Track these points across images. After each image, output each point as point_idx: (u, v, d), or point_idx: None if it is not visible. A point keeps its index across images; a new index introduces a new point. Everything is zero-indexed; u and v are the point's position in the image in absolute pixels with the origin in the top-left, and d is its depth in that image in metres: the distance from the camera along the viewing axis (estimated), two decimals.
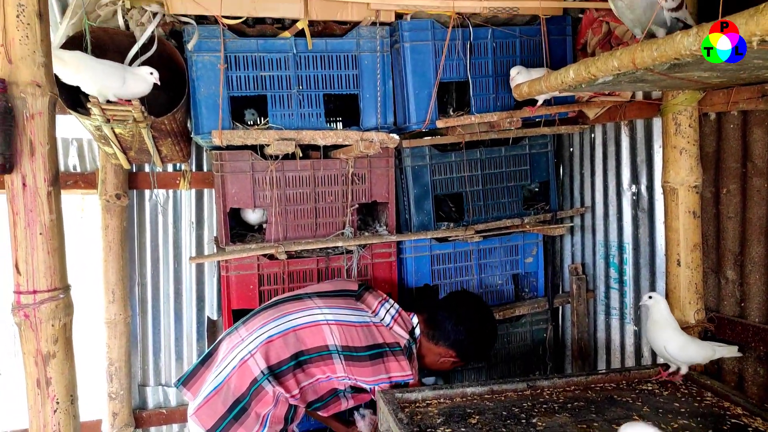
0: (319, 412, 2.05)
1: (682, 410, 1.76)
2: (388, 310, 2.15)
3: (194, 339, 2.92)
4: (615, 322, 2.73)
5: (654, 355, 2.48)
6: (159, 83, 2.05)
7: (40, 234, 1.53)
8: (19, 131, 1.51)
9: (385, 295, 2.23)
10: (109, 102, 2.01)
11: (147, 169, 2.78)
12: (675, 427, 1.64)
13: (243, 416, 1.83)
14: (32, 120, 1.52)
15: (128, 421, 2.74)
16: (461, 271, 2.79)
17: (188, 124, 2.47)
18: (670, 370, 1.97)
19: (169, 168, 2.83)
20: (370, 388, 2.00)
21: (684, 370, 1.94)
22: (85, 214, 3.13)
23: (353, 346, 1.98)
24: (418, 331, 2.18)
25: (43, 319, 1.54)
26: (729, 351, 1.94)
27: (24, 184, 1.51)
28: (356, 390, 2.08)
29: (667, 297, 2.22)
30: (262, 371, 1.87)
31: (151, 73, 2.02)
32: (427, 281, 2.74)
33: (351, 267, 2.59)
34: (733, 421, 1.69)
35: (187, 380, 1.98)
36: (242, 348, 1.93)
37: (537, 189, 3.04)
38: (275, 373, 1.88)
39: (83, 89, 1.99)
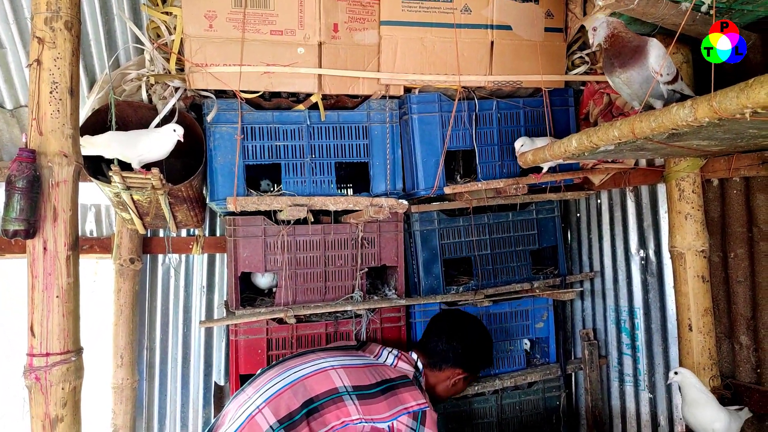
0: None
1: None
2: (389, 353, 2.21)
3: (200, 405, 2.88)
4: (629, 389, 2.67)
5: (671, 422, 2.42)
6: (182, 139, 2.12)
7: (57, 297, 1.57)
8: (44, 198, 1.57)
9: (383, 345, 2.29)
10: (128, 170, 2.09)
11: (162, 234, 2.85)
12: None
13: None
14: (57, 188, 1.59)
15: None
16: None
17: (203, 191, 2.55)
18: None
19: (183, 233, 2.90)
20: (388, 426, 1.93)
21: None
22: (98, 278, 3.18)
23: (363, 384, 1.95)
24: (420, 365, 2.21)
25: (54, 382, 1.55)
26: (746, 413, 1.89)
27: (45, 249, 1.57)
28: None
29: (680, 363, 2.19)
30: (271, 426, 1.81)
31: (174, 130, 2.09)
32: None
33: (360, 331, 2.58)
34: None
35: None
36: (249, 405, 1.90)
37: (540, 252, 3.05)
38: (285, 425, 1.82)
39: (108, 156, 2.08)
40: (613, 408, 2.79)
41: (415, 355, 2.22)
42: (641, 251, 2.62)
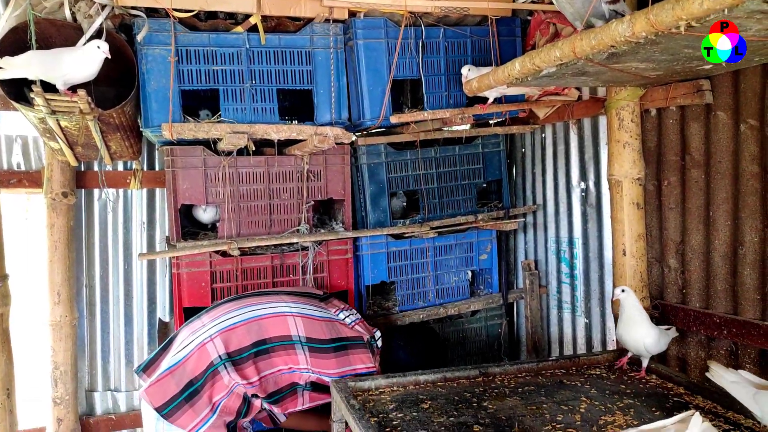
0: (274, 408, 2.01)
1: (628, 391, 1.81)
2: (349, 314, 2.20)
3: (145, 342, 2.83)
4: (567, 316, 2.80)
5: (604, 345, 2.55)
6: (109, 55, 1.96)
7: None
8: None
9: (348, 305, 2.29)
10: (54, 92, 1.96)
11: (96, 167, 2.71)
12: (621, 406, 1.68)
13: (195, 398, 1.80)
14: None
15: (74, 427, 2.63)
16: (417, 268, 2.80)
17: (138, 120, 2.42)
18: (628, 357, 2.00)
19: (120, 167, 2.77)
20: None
21: (646, 362, 1.95)
22: (30, 215, 3.03)
23: (317, 338, 1.97)
24: (380, 343, 2.20)
25: None
26: (673, 332, 2.00)
27: None
28: (315, 389, 2.05)
29: (614, 286, 2.30)
30: (219, 356, 1.85)
31: (99, 47, 1.93)
32: (384, 278, 2.75)
33: (306, 264, 2.57)
34: (675, 399, 1.75)
35: (146, 367, 1.97)
36: (202, 332, 1.92)
37: (485, 186, 3.09)
38: (233, 359, 1.86)
39: (30, 78, 1.93)
40: (552, 334, 2.92)
41: (379, 333, 2.21)
42: (582, 183, 2.69)
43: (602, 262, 2.59)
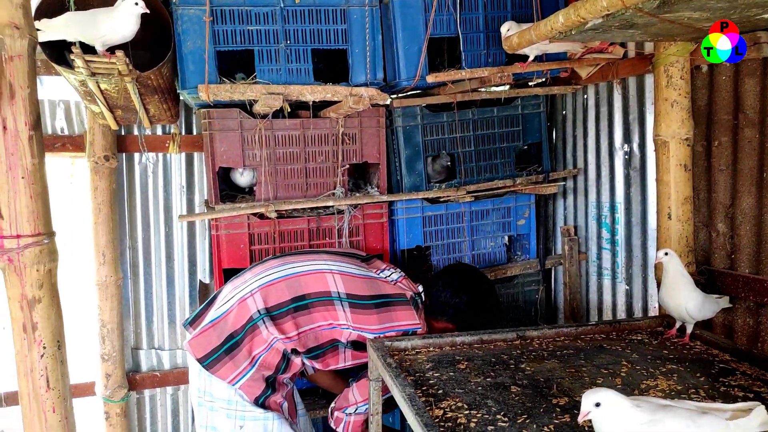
0: (315, 364, 2.04)
1: (671, 357, 1.76)
2: (393, 272, 2.19)
3: (186, 303, 2.91)
4: (607, 282, 2.74)
5: (645, 311, 2.50)
6: (147, 10, 1.96)
7: (23, 178, 1.51)
8: None
9: (390, 264, 2.27)
10: (94, 54, 1.97)
11: (136, 131, 2.75)
12: (663, 371, 1.64)
13: (235, 351, 1.85)
14: (11, 62, 1.49)
15: (121, 382, 2.74)
16: (453, 233, 2.78)
17: (175, 83, 2.43)
18: (677, 327, 1.94)
19: (158, 131, 2.81)
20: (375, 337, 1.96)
21: (690, 329, 1.89)
22: (75, 180, 3.11)
23: (357, 294, 1.97)
24: (423, 296, 2.16)
25: (28, 264, 1.53)
26: (725, 302, 1.93)
27: (4, 128, 1.49)
28: (357, 347, 2.02)
29: (658, 251, 2.22)
30: (258, 310, 1.88)
31: (136, 3, 1.93)
32: (419, 243, 2.73)
33: (342, 227, 2.57)
34: (721, 365, 1.69)
35: (193, 321, 2.04)
36: (244, 288, 1.96)
37: (525, 149, 3.00)
38: (272, 314, 1.88)
39: (69, 39, 1.95)
40: (590, 301, 2.86)
41: (421, 287, 2.17)
42: (625, 146, 2.59)
43: (645, 228, 2.51)
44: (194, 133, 2.85)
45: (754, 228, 2.01)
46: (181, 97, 2.57)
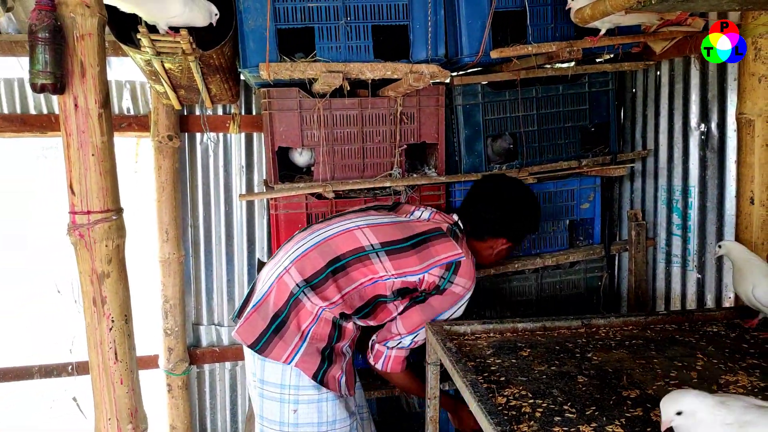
0: (369, 322, 1.96)
1: (751, 351, 1.64)
2: (423, 210, 2.12)
3: (245, 280, 2.97)
4: (676, 270, 2.59)
5: (718, 302, 2.35)
6: (214, 24, 2.03)
7: (92, 155, 1.55)
8: (69, 52, 1.51)
9: (420, 204, 2.24)
10: (158, 33, 2.00)
11: (198, 111, 2.80)
12: (743, 366, 1.54)
13: (283, 329, 1.81)
14: (82, 41, 1.52)
15: (183, 357, 2.83)
16: None
17: (236, 62, 2.45)
18: (759, 318, 1.81)
19: (219, 111, 2.85)
20: (419, 279, 1.88)
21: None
22: (140, 159, 3.21)
23: (392, 240, 1.89)
24: (461, 224, 2.08)
25: (97, 239, 1.57)
26: None
27: (76, 105, 1.53)
28: (403, 294, 1.92)
29: (737, 238, 2.08)
30: (297, 284, 1.82)
31: (216, 14, 2.02)
32: None
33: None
34: None
35: (239, 312, 1.99)
36: (278, 266, 1.91)
37: (592, 130, 2.86)
38: (312, 284, 1.82)
39: (141, 15, 1.97)
40: (657, 289, 2.73)
41: (456, 216, 2.10)
42: (702, 125, 2.43)
43: (722, 213, 2.34)
44: (254, 113, 2.87)
45: None
46: (241, 77, 2.59)
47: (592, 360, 1.58)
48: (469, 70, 2.67)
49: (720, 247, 1.85)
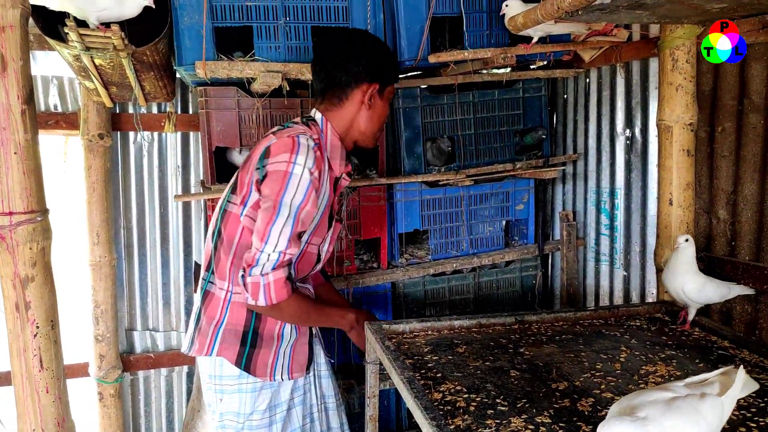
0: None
1: (670, 342, 1.76)
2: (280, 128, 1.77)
3: (182, 284, 2.89)
4: (605, 268, 2.73)
5: (642, 297, 2.49)
6: (153, 6, 1.94)
7: (15, 153, 1.47)
8: None
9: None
10: (88, 28, 1.92)
11: (131, 109, 2.70)
12: (662, 357, 1.64)
13: (200, 324, 1.74)
14: (3, 33, 1.45)
15: (115, 363, 2.72)
16: (451, 217, 2.76)
17: (171, 59, 2.38)
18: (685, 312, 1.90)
19: (154, 109, 2.76)
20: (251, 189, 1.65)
21: (692, 314, 1.87)
22: (69, 158, 3.07)
23: (235, 179, 1.75)
24: (318, 115, 1.76)
25: (20, 242, 1.49)
26: (744, 289, 1.90)
27: None
28: None
29: (658, 237, 2.21)
30: (203, 277, 1.80)
31: (148, 3, 1.91)
32: (417, 226, 2.71)
33: (341, 210, 2.55)
34: (720, 352, 1.69)
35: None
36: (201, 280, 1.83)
37: (530, 141, 2.97)
38: (211, 270, 1.74)
39: (69, 10, 1.89)
40: (588, 286, 2.86)
41: (317, 114, 1.77)
42: (627, 131, 2.57)
43: (645, 214, 2.49)
44: (190, 112, 2.80)
45: (756, 215, 2.00)
46: (177, 75, 2.53)
47: (524, 355, 1.64)
48: (408, 74, 2.72)
49: (687, 240, 1.87)
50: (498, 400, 1.36)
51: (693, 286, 1.80)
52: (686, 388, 1.07)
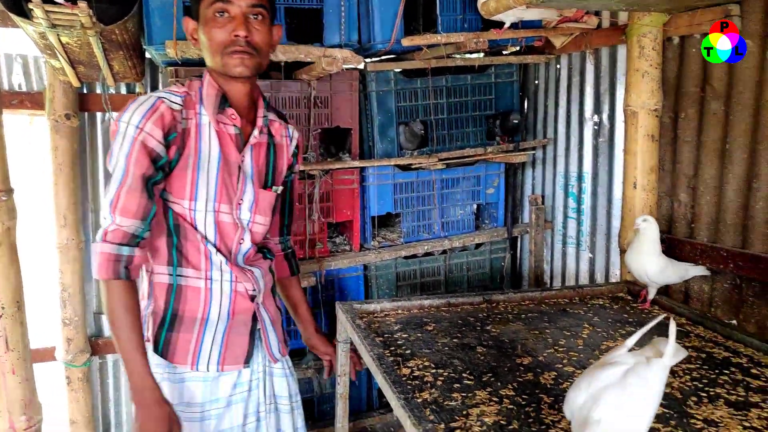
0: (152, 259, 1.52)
1: (630, 320, 1.82)
2: None
3: None
4: (571, 250, 2.80)
5: (607, 278, 2.57)
6: None
7: None
8: None
9: None
10: (54, 4, 1.88)
11: (99, 90, 2.65)
12: (623, 333, 1.70)
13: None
14: None
15: (83, 347, 2.69)
16: (424, 201, 2.79)
17: (141, 39, 2.34)
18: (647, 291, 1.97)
19: (123, 90, 2.71)
20: None
21: (652, 294, 1.94)
22: (34, 140, 3.00)
23: None
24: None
25: None
26: (700, 270, 1.98)
27: None
28: None
29: (622, 220, 2.28)
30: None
31: None
32: (390, 209, 2.73)
33: (313, 192, 2.55)
34: (677, 329, 1.75)
35: None
36: None
37: (510, 125, 2.98)
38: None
39: None
40: (555, 268, 2.93)
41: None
42: (595, 116, 2.63)
43: (611, 197, 2.56)
44: None
45: (714, 198, 2.07)
46: (147, 54, 2.48)
47: (490, 332, 1.69)
48: (382, 57, 2.72)
49: (645, 220, 1.93)
50: (464, 375, 1.40)
51: (654, 268, 1.87)
52: (631, 356, 1.12)
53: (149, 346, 1.48)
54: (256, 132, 1.55)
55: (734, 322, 2.01)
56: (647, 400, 1.05)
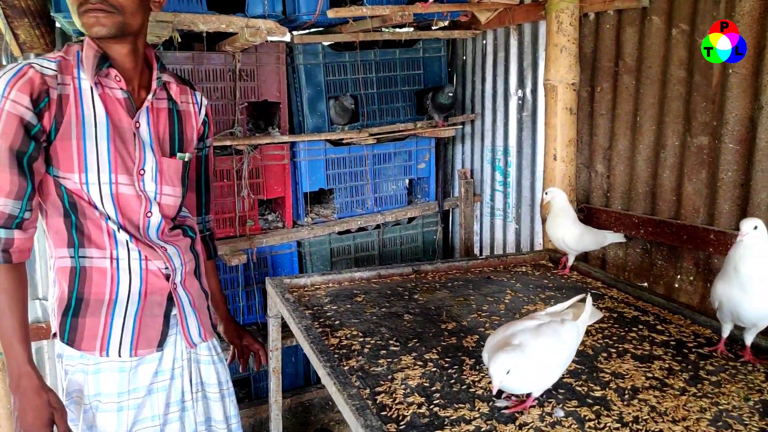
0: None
1: (550, 285, 1.92)
2: None
3: None
4: (499, 222, 2.90)
5: (532, 247, 2.68)
6: None
7: None
8: None
9: None
10: None
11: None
12: (542, 297, 1.79)
13: None
14: None
15: None
16: (356, 176, 2.79)
17: (49, 6, 2.19)
18: (569, 263, 2.06)
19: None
20: None
21: (571, 260, 2.04)
22: None
23: None
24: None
25: None
26: (617, 237, 2.09)
27: None
28: None
29: (543, 191, 2.37)
30: None
31: None
32: (322, 185, 2.72)
33: (241, 168, 2.50)
34: (593, 292, 1.87)
35: None
36: None
37: (443, 100, 3.00)
38: None
39: None
40: (484, 239, 3.02)
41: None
42: (519, 91, 2.70)
43: (534, 170, 2.65)
44: None
45: (627, 168, 2.19)
46: (57, 23, 2.33)
47: (418, 300, 1.73)
48: (310, 30, 2.68)
49: (547, 193, 2.04)
50: (391, 342, 1.44)
51: (572, 236, 1.97)
52: (548, 317, 1.19)
53: (57, 338, 1.37)
54: (150, 96, 1.41)
55: (645, 284, 2.15)
56: (557, 347, 1.13)
